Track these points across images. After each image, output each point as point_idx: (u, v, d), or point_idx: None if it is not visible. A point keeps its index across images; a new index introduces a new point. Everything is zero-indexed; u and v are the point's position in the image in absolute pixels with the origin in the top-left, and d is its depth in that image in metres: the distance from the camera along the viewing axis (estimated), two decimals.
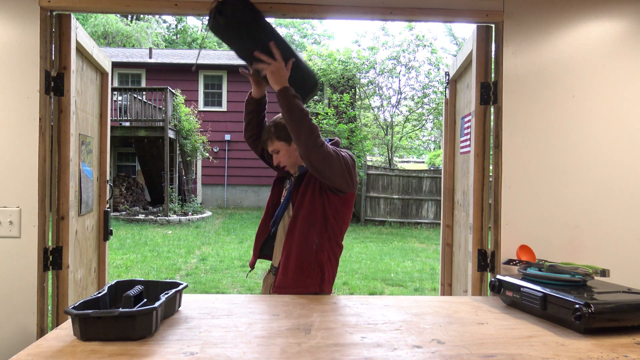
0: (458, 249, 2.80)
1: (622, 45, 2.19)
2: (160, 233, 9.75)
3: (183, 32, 31.32)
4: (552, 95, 2.18)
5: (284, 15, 2.19)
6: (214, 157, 14.76)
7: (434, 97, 14.77)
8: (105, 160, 2.79)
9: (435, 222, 12.37)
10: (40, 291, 2.07)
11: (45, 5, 2.06)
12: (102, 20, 23.59)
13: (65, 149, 2.18)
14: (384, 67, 14.38)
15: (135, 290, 1.42)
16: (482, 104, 2.28)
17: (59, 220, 2.19)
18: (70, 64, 2.18)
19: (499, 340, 1.33)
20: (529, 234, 2.17)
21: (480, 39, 2.29)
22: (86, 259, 2.54)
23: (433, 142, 22.61)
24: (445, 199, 3.03)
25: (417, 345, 1.28)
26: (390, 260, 7.93)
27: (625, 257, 2.17)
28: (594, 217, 2.18)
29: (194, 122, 12.98)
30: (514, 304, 1.67)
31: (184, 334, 1.34)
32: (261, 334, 1.35)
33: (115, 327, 1.25)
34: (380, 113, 15.50)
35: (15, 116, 2.05)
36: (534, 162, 2.18)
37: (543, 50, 2.19)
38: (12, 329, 2.04)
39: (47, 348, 1.21)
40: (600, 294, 1.50)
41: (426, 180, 12.69)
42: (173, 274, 6.47)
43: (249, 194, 15.58)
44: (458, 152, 2.84)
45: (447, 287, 3.00)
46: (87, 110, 2.53)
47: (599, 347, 1.28)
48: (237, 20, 1.89)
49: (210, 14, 1.92)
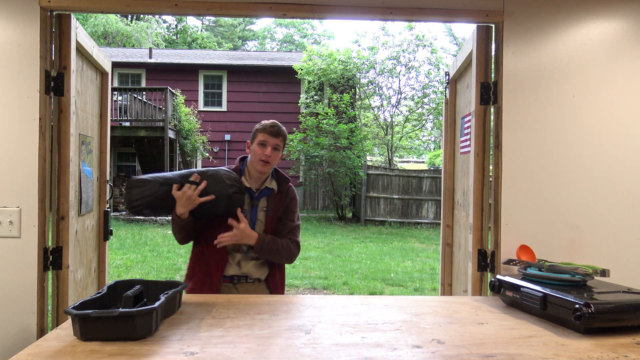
0: (458, 249, 2.80)
1: (622, 46, 2.19)
2: (160, 233, 9.75)
3: (183, 32, 31.33)
4: (552, 95, 2.18)
5: (284, 15, 2.19)
6: (214, 157, 14.77)
7: (434, 97, 14.77)
8: (105, 160, 2.79)
9: (435, 222, 12.37)
10: (40, 291, 2.07)
11: (45, 5, 2.06)
12: (102, 20, 23.59)
13: (65, 149, 2.18)
14: (384, 67, 14.39)
15: (135, 290, 1.42)
16: (482, 104, 2.28)
17: (59, 220, 2.19)
18: (70, 64, 2.18)
19: (499, 340, 1.33)
20: (529, 234, 2.17)
21: (480, 39, 2.29)
22: (86, 259, 2.54)
23: (433, 142, 22.61)
24: (445, 199, 3.03)
25: (417, 345, 1.28)
26: (390, 260, 7.93)
27: (625, 257, 2.17)
28: (594, 217, 2.18)
29: (194, 122, 12.99)
30: (514, 304, 1.67)
31: (184, 334, 1.34)
32: (261, 334, 1.35)
33: (115, 327, 1.25)
34: (380, 113, 15.51)
35: (15, 116, 2.05)
36: (534, 162, 2.18)
37: (543, 50, 2.19)
38: (12, 329, 2.04)
39: (47, 348, 1.21)
40: (600, 294, 1.50)
41: (426, 180, 12.69)
42: (173, 274, 6.47)
43: None
44: (458, 152, 2.84)
45: (447, 287, 3.00)
46: (87, 110, 2.53)
47: (599, 347, 1.28)
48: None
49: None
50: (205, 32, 33.30)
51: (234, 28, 34.34)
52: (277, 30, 35.88)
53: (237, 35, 34.52)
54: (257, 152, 2.02)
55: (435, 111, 15.10)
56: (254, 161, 2.03)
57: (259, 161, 2.01)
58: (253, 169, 2.05)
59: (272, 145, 2.02)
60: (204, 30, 33.77)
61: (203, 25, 34.15)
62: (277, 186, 2.12)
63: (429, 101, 15.04)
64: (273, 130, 2.02)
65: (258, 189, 2.08)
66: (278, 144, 2.04)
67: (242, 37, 35.09)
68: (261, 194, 2.08)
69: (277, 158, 2.05)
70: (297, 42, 34.52)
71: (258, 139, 2.03)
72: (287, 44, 34.88)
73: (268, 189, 2.09)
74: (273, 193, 2.10)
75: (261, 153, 2.00)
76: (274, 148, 2.02)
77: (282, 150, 2.08)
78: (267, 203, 2.09)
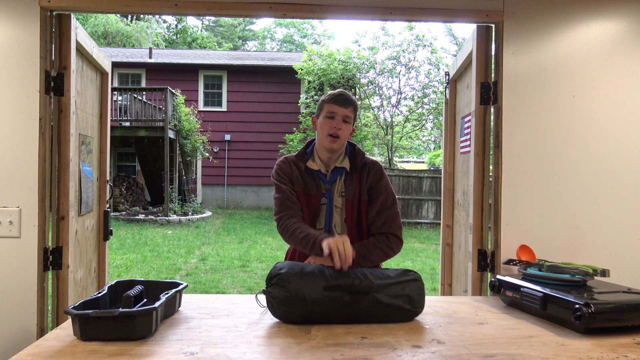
0: (458, 249, 2.80)
1: (622, 46, 2.19)
2: (160, 233, 9.75)
3: (183, 32, 31.33)
4: (552, 95, 2.18)
5: (284, 15, 2.19)
6: (214, 157, 14.76)
7: (434, 97, 14.75)
8: (105, 160, 2.79)
9: (435, 222, 12.37)
10: (40, 291, 2.07)
11: (45, 5, 2.06)
12: (102, 20, 23.60)
13: (65, 149, 2.18)
14: (384, 67, 14.37)
15: (135, 290, 1.42)
16: (482, 104, 2.28)
17: (59, 220, 2.19)
18: (70, 64, 2.18)
19: (499, 340, 1.33)
20: (529, 234, 2.17)
21: (480, 39, 2.29)
22: (86, 259, 2.54)
23: (433, 142, 22.61)
24: (445, 199, 3.03)
25: (417, 345, 1.28)
26: (390, 260, 7.93)
27: (625, 257, 2.17)
28: (594, 217, 2.18)
29: (194, 122, 12.98)
30: (514, 304, 1.67)
31: (184, 334, 1.34)
32: (261, 334, 1.34)
33: (115, 327, 1.25)
34: (380, 113, 15.49)
35: (15, 116, 2.05)
36: (534, 162, 2.18)
37: (543, 50, 2.19)
38: (12, 329, 2.04)
39: (47, 348, 1.21)
40: (600, 294, 1.49)
41: (426, 180, 12.68)
42: (173, 274, 6.47)
43: (249, 194, 15.58)
44: (458, 152, 2.84)
45: (447, 287, 3.00)
46: (87, 110, 2.53)
47: (599, 347, 1.28)
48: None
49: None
50: (205, 32, 33.30)
51: (234, 28, 34.35)
52: (277, 30, 35.88)
53: (237, 35, 34.52)
54: (324, 126, 1.76)
55: (435, 111, 15.08)
56: (322, 137, 1.77)
57: (327, 137, 1.75)
58: (321, 148, 1.80)
59: (341, 116, 1.75)
60: (204, 30, 33.77)
61: (203, 25, 34.15)
62: (350, 163, 1.82)
63: (429, 101, 15.02)
64: (341, 98, 1.75)
65: (329, 170, 1.82)
66: (348, 114, 1.76)
67: (242, 37, 35.10)
68: (333, 175, 1.81)
69: (348, 131, 1.77)
70: (297, 42, 34.51)
71: (325, 111, 1.77)
72: (287, 44, 34.88)
73: (338, 168, 1.81)
74: (347, 172, 1.82)
75: (329, 126, 1.74)
76: (343, 120, 1.75)
77: (353, 123, 1.79)
78: (344, 186, 1.81)
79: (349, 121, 1.77)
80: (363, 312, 1.44)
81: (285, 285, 1.41)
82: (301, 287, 1.41)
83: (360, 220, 1.82)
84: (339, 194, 1.82)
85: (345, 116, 1.76)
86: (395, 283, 1.48)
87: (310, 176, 1.82)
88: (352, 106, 1.77)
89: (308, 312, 1.41)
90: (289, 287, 1.40)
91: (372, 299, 1.44)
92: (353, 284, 1.44)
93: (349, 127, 1.78)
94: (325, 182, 1.81)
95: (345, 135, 1.77)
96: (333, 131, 1.74)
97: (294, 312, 1.41)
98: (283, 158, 1.89)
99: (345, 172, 1.82)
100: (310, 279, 1.43)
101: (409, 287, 1.49)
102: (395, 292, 1.46)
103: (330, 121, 1.75)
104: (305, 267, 1.48)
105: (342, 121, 1.76)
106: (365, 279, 1.47)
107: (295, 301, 1.40)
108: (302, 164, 1.84)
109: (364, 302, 1.43)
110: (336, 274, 1.46)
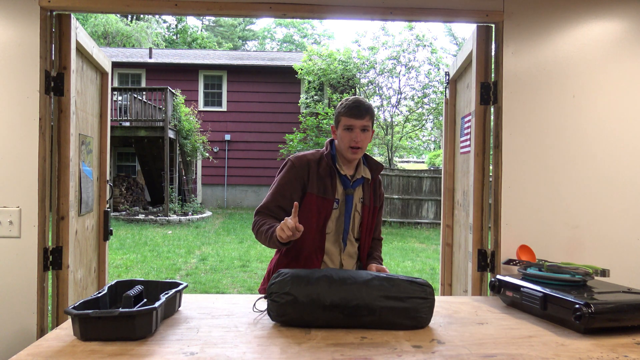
0: (458, 249, 2.80)
1: (622, 45, 2.19)
2: (160, 233, 9.75)
3: (183, 32, 31.33)
4: (552, 95, 2.18)
5: (284, 16, 2.19)
6: (214, 157, 14.76)
7: (434, 97, 14.75)
8: (105, 160, 2.79)
9: (435, 222, 12.37)
10: (40, 291, 2.07)
11: (45, 5, 2.06)
12: (102, 20, 23.59)
13: (65, 149, 2.18)
14: (384, 67, 14.37)
15: (135, 290, 1.42)
16: (482, 104, 2.28)
17: (59, 220, 2.19)
18: (70, 64, 2.18)
19: (499, 340, 1.33)
20: (529, 234, 2.17)
21: (480, 39, 2.29)
22: (86, 259, 2.54)
23: (433, 142, 22.60)
24: (445, 199, 3.03)
25: (417, 345, 1.28)
26: (390, 260, 7.93)
27: (625, 257, 2.17)
28: (594, 217, 2.18)
29: (194, 122, 12.98)
30: (514, 304, 1.67)
31: (184, 334, 1.34)
32: (261, 334, 1.35)
33: (115, 327, 1.25)
34: (380, 113, 15.48)
35: (15, 116, 2.05)
36: (534, 162, 2.18)
37: (543, 50, 2.19)
38: (12, 329, 2.04)
39: (47, 348, 1.21)
40: (600, 294, 1.50)
41: (426, 180, 12.68)
42: (173, 274, 6.47)
43: (249, 194, 15.58)
44: (458, 152, 2.84)
45: (447, 287, 3.00)
46: (87, 110, 2.53)
47: (599, 347, 1.28)
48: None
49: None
50: (205, 32, 33.30)
51: (234, 28, 34.35)
52: (277, 30, 35.88)
53: (237, 35, 34.52)
54: (344, 138, 1.79)
55: (435, 111, 15.08)
56: (343, 149, 1.81)
57: (348, 149, 1.79)
58: (342, 157, 1.85)
59: (359, 127, 1.77)
60: (204, 30, 33.77)
61: (203, 25, 34.14)
62: (370, 174, 1.91)
63: (429, 101, 15.02)
64: (356, 111, 1.77)
65: (353, 175, 1.87)
66: (366, 124, 1.78)
67: (242, 37, 35.10)
68: (356, 182, 1.87)
69: (368, 140, 1.80)
70: (297, 42, 34.51)
71: (342, 124, 1.80)
72: (287, 44, 34.88)
73: (362, 177, 1.88)
74: (367, 182, 1.90)
75: (349, 139, 1.78)
76: (362, 130, 1.78)
77: (372, 128, 1.83)
78: (362, 192, 1.89)
79: (367, 129, 1.80)
80: (363, 326, 1.41)
81: (284, 310, 1.39)
82: (302, 314, 1.39)
83: (371, 225, 1.92)
84: (358, 199, 1.88)
85: (364, 126, 1.78)
86: (402, 307, 1.40)
87: (328, 179, 1.83)
88: (368, 115, 1.80)
89: (307, 324, 1.41)
90: (286, 310, 1.39)
91: (375, 320, 1.39)
92: (357, 306, 1.38)
93: (369, 135, 1.82)
94: (348, 186, 1.85)
95: (366, 144, 1.81)
96: (353, 144, 1.78)
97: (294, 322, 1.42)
98: (301, 156, 1.86)
99: (367, 181, 1.90)
100: (308, 306, 1.39)
101: (416, 306, 1.41)
102: (400, 313, 1.39)
103: (349, 134, 1.78)
104: (307, 286, 1.41)
105: (361, 131, 1.78)
106: (369, 296, 1.39)
107: (294, 319, 1.41)
108: (325, 165, 1.84)
109: (366, 319, 1.39)
110: (338, 290, 1.40)
